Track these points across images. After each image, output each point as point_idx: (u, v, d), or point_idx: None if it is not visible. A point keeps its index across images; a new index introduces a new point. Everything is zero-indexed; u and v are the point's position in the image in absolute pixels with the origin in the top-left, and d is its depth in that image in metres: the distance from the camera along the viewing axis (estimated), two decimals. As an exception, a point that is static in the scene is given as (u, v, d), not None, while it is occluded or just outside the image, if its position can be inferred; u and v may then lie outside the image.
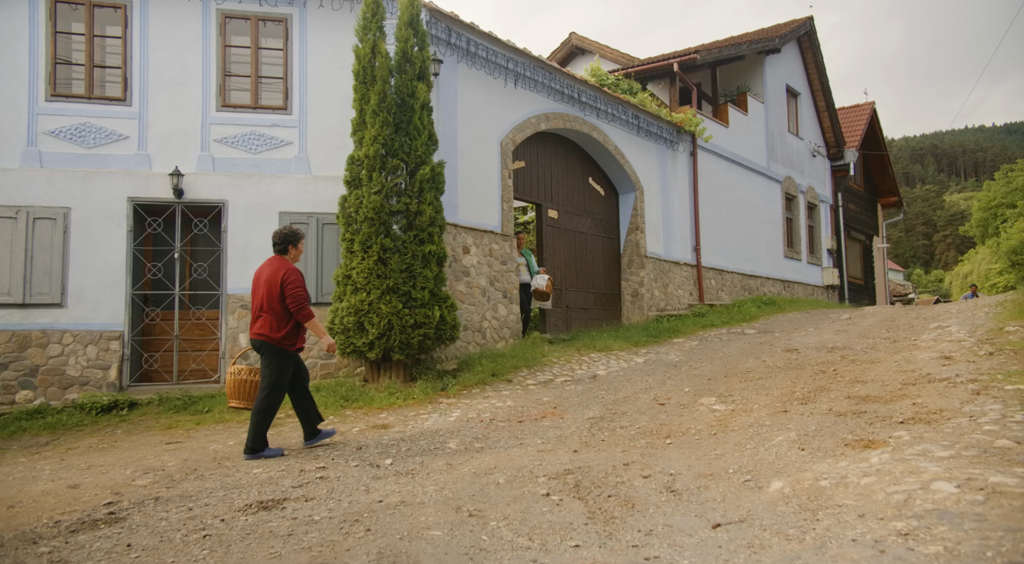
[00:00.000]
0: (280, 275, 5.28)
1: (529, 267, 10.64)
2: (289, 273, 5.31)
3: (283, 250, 5.52)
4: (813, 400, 5.83)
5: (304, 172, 8.70)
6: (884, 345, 8.54)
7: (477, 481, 4.33)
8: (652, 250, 12.95)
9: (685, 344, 10.37)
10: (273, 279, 5.29)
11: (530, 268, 10.63)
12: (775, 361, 8.26)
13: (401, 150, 7.78)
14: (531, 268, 10.63)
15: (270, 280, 5.30)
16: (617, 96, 12.20)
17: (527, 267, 10.60)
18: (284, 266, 5.37)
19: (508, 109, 10.27)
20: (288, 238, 5.53)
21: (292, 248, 5.55)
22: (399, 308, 7.51)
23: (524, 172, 11.03)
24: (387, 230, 7.68)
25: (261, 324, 5.28)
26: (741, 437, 4.91)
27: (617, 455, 4.79)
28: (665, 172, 13.50)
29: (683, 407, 6.32)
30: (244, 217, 8.43)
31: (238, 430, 6.43)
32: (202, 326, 8.42)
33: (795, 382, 6.80)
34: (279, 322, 5.25)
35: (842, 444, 4.29)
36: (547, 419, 6.32)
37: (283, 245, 5.51)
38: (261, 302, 5.31)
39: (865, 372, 6.87)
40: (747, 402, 6.18)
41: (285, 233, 5.54)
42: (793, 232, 17.70)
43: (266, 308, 5.27)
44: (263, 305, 5.29)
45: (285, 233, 5.54)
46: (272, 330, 5.24)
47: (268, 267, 5.41)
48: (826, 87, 18.66)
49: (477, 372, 8.08)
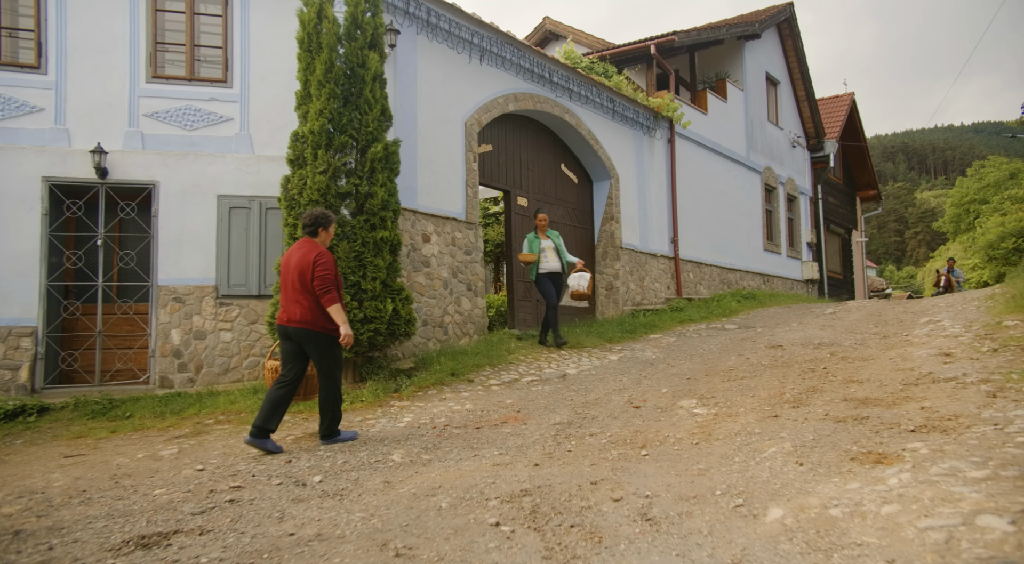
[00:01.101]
0: (312, 257, 5.06)
1: (560, 253, 8.69)
2: (322, 255, 5.10)
3: (313, 232, 5.28)
4: (806, 403, 5.20)
5: (246, 151, 7.87)
6: (874, 341, 7.97)
7: (416, 505, 3.61)
8: (628, 241, 12.31)
9: (662, 340, 9.74)
10: (305, 262, 5.07)
11: (560, 254, 8.69)
12: (759, 358, 7.64)
13: (350, 126, 7.00)
14: (562, 255, 8.68)
15: (302, 263, 5.07)
16: (591, 77, 11.52)
17: (556, 252, 8.68)
18: (315, 248, 5.14)
19: (473, 87, 9.52)
20: (319, 220, 5.29)
21: (323, 231, 5.32)
22: (346, 301, 6.75)
23: (491, 156, 10.30)
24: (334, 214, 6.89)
25: (300, 312, 5.03)
26: (727, 447, 4.25)
27: (584, 470, 4.10)
28: (642, 159, 12.85)
29: (660, 411, 5.65)
30: (178, 200, 7.59)
31: (156, 439, 5.63)
32: (130, 321, 7.57)
33: (783, 382, 6.17)
34: (318, 307, 5.05)
35: (847, 458, 3.64)
36: (508, 425, 5.61)
37: (313, 227, 5.28)
38: (294, 287, 5.08)
39: (858, 371, 6.27)
40: (731, 405, 5.53)
41: (316, 214, 5.30)
42: (773, 225, 17.20)
43: (301, 294, 5.04)
44: (297, 291, 5.06)
45: (316, 214, 5.30)
46: (314, 317, 5.03)
47: (298, 251, 5.16)
48: (806, 76, 18.18)
49: (435, 371, 7.34)
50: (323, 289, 5.02)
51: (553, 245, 8.65)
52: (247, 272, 7.72)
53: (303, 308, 5.03)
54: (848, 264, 21.85)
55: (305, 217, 5.31)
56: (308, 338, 5.04)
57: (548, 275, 8.58)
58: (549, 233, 8.75)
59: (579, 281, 8.33)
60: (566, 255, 8.70)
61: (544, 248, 8.59)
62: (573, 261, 8.63)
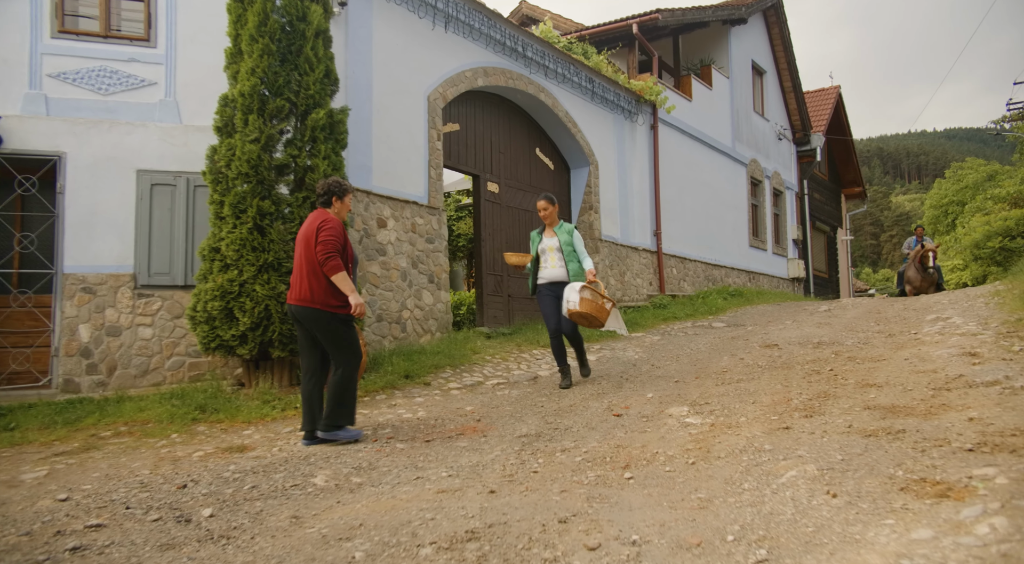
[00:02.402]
0: (317, 224, 4.60)
1: (565, 256, 6.12)
2: (328, 220, 4.63)
3: (327, 202, 4.82)
4: (820, 411, 4.33)
5: (172, 120, 6.85)
6: (879, 340, 7.16)
7: (322, 555, 2.67)
8: (607, 233, 11.43)
9: (645, 339, 8.86)
10: (310, 230, 4.62)
11: (566, 258, 6.12)
12: (754, 359, 6.79)
13: (288, 88, 6.03)
14: (568, 258, 6.12)
15: (307, 232, 4.62)
16: (569, 55, 10.63)
17: (559, 251, 6.15)
18: (322, 218, 4.66)
19: (438, 57, 8.58)
20: (333, 189, 4.82)
21: (337, 201, 4.83)
22: (281, 290, 5.78)
23: (459, 137, 9.36)
24: (267, 190, 5.92)
25: (300, 287, 4.58)
26: (733, 469, 3.36)
27: (552, 500, 3.19)
28: (623, 145, 11.99)
29: (646, 420, 4.76)
30: (88, 175, 6.55)
31: (31, 457, 4.59)
32: (29, 315, 6.51)
33: (787, 386, 5.31)
34: (321, 282, 4.54)
35: (895, 487, 2.77)
36: (465, 437, 4.68)
37: (327, 196, 4.81)
38: (300, 262, 4.62)
39: (872, 373, 5.43)
40: (730, 413, 4.65)
41: (330, 183, 4.83)
42: (758, 220, 16.46)
43: (306, 269, 4.57)
44: (302, 265, 4.60)
45: (330, 183, 4.83)
46: (313, 293, 4.53)
47: (307, 223, 4.72)
48: (793, 66, 17.48)
49: (386, 373, 6.39)
50: (325, 254, 4.49)
51: (558, 244, 6.16)
52: (171, 259, 6.70)
53: (304, 283, 4.56)
54: (833, 262, 21.22)
55: (319, 186, 4.84)
56: (310, 318, 4.56)
57: (549, 286, 6.13)
58: (558, 228, 6.22)
59: (569, 295, 5.79)
60: (581, 258, 6.11)
61: (544, 249, 6.20)
62: (589, 266, 6.04)
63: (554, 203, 6.23)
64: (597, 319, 5.82)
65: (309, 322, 4.58)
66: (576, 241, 6.20)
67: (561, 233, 6.21)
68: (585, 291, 5.76)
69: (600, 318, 5.83)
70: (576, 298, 5.71)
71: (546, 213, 6.21)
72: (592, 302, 5.77)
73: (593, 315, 5.76)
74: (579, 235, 6.28)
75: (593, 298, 5.77)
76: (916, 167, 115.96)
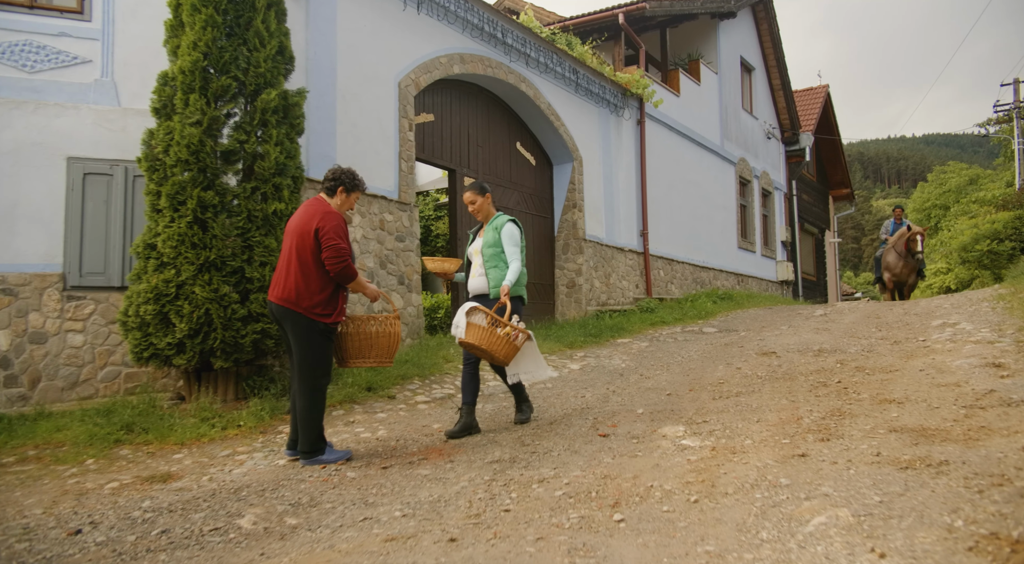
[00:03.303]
0: (315, 222, 3.98)
1: (485, 257, 4.65)
2: (328, 218, 4.01)
3: (330, 191, 4.19)
4: (837, 433, 3.75)
5: (109, 102, 6.15)
6: (885, 347, 6.62)
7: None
8: (592, 233, 10.84)
9: (632, 345, 8.27)
10: (306, 223, 4.01)
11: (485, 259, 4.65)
12: (752, 368, 6.22)
13: (235, 65, 5.36)
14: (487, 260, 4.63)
15: (301, 224, 4.03)
16: (552, 43, 10.04)
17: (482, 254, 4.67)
18: (321, 210, 4.04)
19: (410, 42, 7.94)
20: (344, 179, 4.19)
21: (342, 193, 4.20)
22: (224, 292, 5.10)
23: (434, 128, 8.72)
24: (210, 179, 5.25)
25: (285, 285, 4.00)
26: (744, 510, 2.76)
27: (525, 552, 2.56)
28: (608, 141, 11.41)
29: (637, 441, 4.15)
30: (9, 162, 5.83)
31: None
32: (-58, 319, 5.77)
33: (794, 401, 4.73)
34: (309, 283, 3.98)
35: (962, 546, 2.17)
36: (429, 462, 4.04)
37: (333, 183, 4.18)
38: (289, 256, 4.04)
39: (886, 386, 4.87)
40: (732, 434, 4.06)
41: (345, 171, 4.23)
42: (747, 221, 15.97)
43: (295, 265, 4.00)
44: (291, 260, 4.02)
45: (345, 171, 4.23)
46: (299, 293, 3.96)
47: (301, 211, 4.11)
48: (782, 63, 17.04)
49: (346, 385, 5.73)
50: (337, 263, 3.94)
51: (480, 246, 4.68)
52: (107, 257, 6.00)
53: (290, 281, 3.98)
54: (821, 265, 20.82)
55: (329, 171, 4.25)
56: (288, 319, 4.00)
57: (476, 300, 4.62)
58: (491, 224, 4.68)
59: (457, 318, 4.40)
60: (510, 262, 4.56)
61: (472, 252, 4.77)
62: (509, 279, 4.49)
63: (484, 193, 4.70)
64: (491, 355, 4.23)
65: (287, 324, 4.03)
66: (506, 239, 4.57)
67: (490, 232, 4.63)
68: (477, 315, 4.26)
69: (495, 354, 4.21)
70: (463, 323, 4.26)
71: (475, 207, 4.70)
72: (484, 331, 4.17)
73: (484, 348, 4.19)
74: (514, 230, 4.63)
75: (489, 326, 4.19)
76: (896, 172, 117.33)
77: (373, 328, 4.27)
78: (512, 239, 4.63)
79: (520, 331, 4.35)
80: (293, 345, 4.06)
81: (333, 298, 4.07)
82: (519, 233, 4.71)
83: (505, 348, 4.27)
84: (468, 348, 4.40)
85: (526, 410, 4.86)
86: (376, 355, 4.31)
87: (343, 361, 4.35)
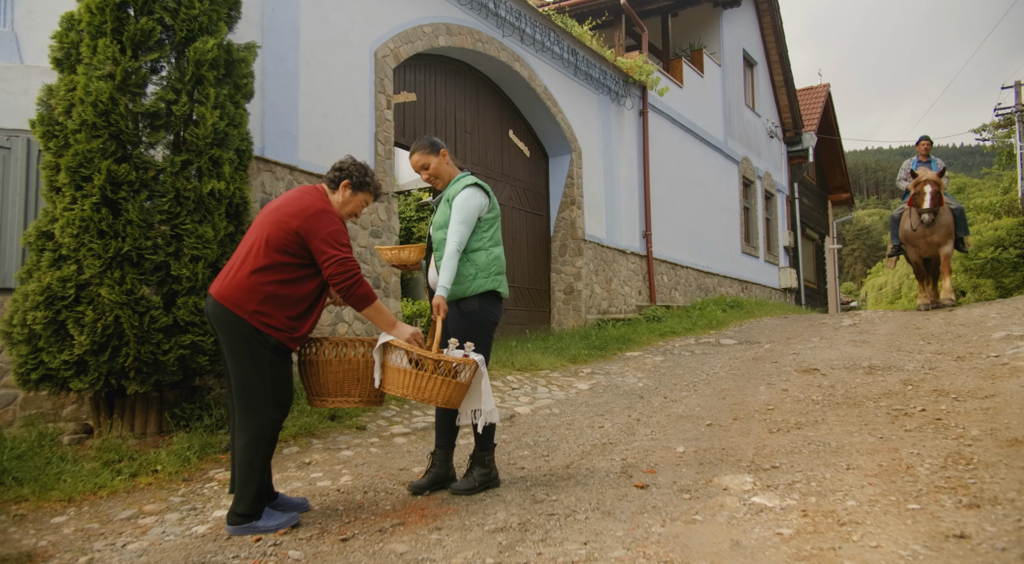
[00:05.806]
0: (300, 221, 2.88)
1: (435, 240, 3.35)
2: (320, 218, 2.91)
3: (333, 183, 3.11)
4: (982, 494, 2.66)
5: (7, 58, 4.94)
6: (949, 364, 5.55)
7: None
8: (592, 233, 9.75)
9: (645, 360, 7.16)
10: (284, 212, 2.93)
11: (435, 242, 3.34)
12: (800, 389, 5.14)
13: (160, 5, 4.19)
14: (436, 244, 3.34)
15: (283, 213, 2.92)
16: (549, 19, 8.97)
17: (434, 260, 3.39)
18: (315, 206, 2.95)
19: (388, 5, 6.82)
20: (353, 173, 3.10)
21: (346, 189, 3.10)
22: (141, 295, 3.91)
23: (416, 109, 7.59)
24: (125, 149, 4.06)
25: (228, 281, 2.88)
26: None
27: None
28: (609, 132, 10.34)
29: (688, 497, 3.02)
30: None
31: None
32: None
33: (881, 438, 3.64)
34: (257, 283, 2.85)
35: None
36: (405, 531, 2.87)
37: (339, 175, 3.10)
38: (249, 245, 2.93)
39: (997, 418, 3.79)
40: (822, 488, 2.96)
41: (359, 165, 3.14)
42: (751, 224, 14.99)
43: (250, 256, 2.89)
44: (250, 250, 2.91)
45: (359, 165, 3.14)
46: (245, 296, 2.84)
47: (286, 196, 3.03)
48: (785, 59, 16.16)
49: (303, 413, 4.54)
50: (347, 276, 2.88)
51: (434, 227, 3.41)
52: (2, 251, 4.77)
53: (237, 274, 2.88)
54: (822, 272, 19.93)
55: (338, 160, 3.18)
56: (225, 324, 2.85)
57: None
58: (447, 192, 3.37)
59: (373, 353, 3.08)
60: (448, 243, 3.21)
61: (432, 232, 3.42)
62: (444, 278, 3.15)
63: (436, 150, 3.38)
64: (429, 402, 3.00)
65: (224, 332, 2.88)
66: (457, 208, 3.23)
67: (443, 202, 3.36)
68: (394, 352, 2.97)
69: (433, 402, 2.99)
70: (377, 361, 3.03)
71: (428, 173, 3.38)
72: (407, 376, 2.94)
73: (415, 398, 2.97)
74: (469, 199, 3.24)
75: (405, 367, 2.95)
76: (874, 182, 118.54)
77: (360, 354, 3.10)
78: (466, 208, 3.21)
79: (464, 361, 3.00)
80: (229, 363, 2.89)
81: (304, 315, 2.94)
82: (479, 203, 3.27)
83: (444, 391, 2.97)
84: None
85: (475, 477, 3.31)
86: (362, 392, 3.13)
87: (313, 398, 3.16)
